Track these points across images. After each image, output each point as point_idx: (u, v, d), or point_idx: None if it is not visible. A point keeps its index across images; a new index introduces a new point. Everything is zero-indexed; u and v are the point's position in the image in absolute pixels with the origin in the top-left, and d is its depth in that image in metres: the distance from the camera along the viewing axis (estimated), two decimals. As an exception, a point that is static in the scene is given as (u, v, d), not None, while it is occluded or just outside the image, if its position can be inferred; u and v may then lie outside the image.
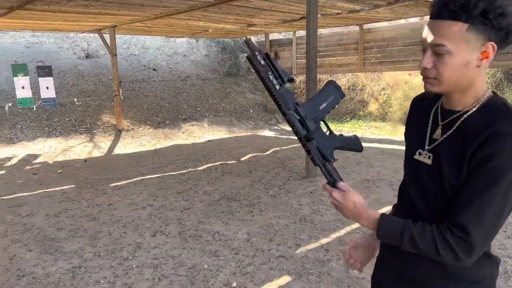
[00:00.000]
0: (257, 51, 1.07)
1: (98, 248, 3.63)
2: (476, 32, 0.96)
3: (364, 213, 1.09)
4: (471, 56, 0.98)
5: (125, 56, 11.88)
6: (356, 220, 1.11)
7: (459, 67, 0.99)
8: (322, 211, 4.46)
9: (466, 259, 0.98)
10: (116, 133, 9.23)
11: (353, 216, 1.11)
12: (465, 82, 1.01)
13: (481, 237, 0.96)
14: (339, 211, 1.13)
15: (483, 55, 0.97)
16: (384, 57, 9.65)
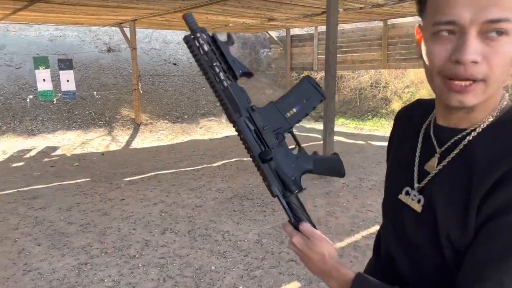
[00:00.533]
0: (198, 32, 0.78)
1: (106, 244, 3.58)
2: None
3: (335, 271, 0.78)
4: None
5: (146, 50, 11.90)
6: (323, 278, 0.82)
7: None
8: (337, 213, 4.29)
9: None
10: (134, 127, 9.25)
11: (319, 272, 0.82)
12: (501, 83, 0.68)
13: None
14: (302, 262, 0.85)
15: None
16: (409, 54, 9.32)
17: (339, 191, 5.01)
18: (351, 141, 8.37)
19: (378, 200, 4.65)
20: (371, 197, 4.75)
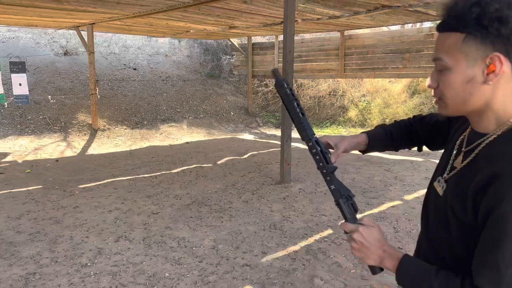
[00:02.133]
0: (285, 81, 1.12)
1: (57, 253, 3.49)
2: (475, 43, 0.83)
3: (389, 252, 0.97)
4: (473, 71, 0.85)
5: (105, 54, 11.67)
6: (380, 260, 0.98)
7: (461, 84, 0.87)
8: (292, 218, 4.40)
9: None
10: (91, 132, 9.03)
11: (377, 255, 0.98)
12: (475, 102, 0.88)
13: None
14: (359, 254, 1.00)
15: (488, 69, 0.83)
16: (364, 64, 9.69)
17: (296, 196, 5.13)
18: (310, 148, 8.57)
19: (332, 205, 4.81)
20: (325, 202, 4.90)
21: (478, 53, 0.83)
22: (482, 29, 0.82)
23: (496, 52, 0.82)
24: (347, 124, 10.92)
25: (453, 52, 0.86)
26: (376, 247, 0.97)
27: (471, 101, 0.88)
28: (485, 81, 0.85)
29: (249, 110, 12.41)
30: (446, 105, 0.92)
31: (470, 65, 0.85)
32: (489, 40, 0.82)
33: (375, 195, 5.19)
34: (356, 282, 3.03)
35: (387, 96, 10.92)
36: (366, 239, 0.98)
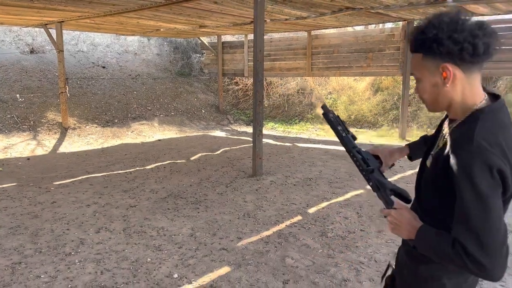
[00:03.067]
0: (331, 112, 1.48)
1: (40, 244, 3.62)
2: (431, 58, 1.15)
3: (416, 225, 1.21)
4: (434, 79, 1.17)
5: (73, 52, 11.56)
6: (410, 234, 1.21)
7: (430, 89, 1.20)
8: (265, 207, 4.68)
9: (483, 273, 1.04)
10: (61, 131, 8.98)
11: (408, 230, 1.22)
12: (443, 99, 1.19)
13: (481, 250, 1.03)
14: (394, 231, 1.27)
15: (443, 75, 1.14)
16: (330, 63, 10.12)
17: (267, 188, 5.42)
18: (280, 143, 8.90)
19: (302, 194, 5.13)
20: (295, 192, 5.22)
21: (433, 66, 1.16)
22: (430, 49, 1.14)
23: (445, 63, 1.14)
24: (315, 121, 11.33)
25: (419, 67, 1.20)
26: (405, 224, 1.23)
27: (440, 99, 1.20)
28: (444, 84, 1.16)
29: (220, 107, 12.62)
30: (426, 105, 1.26)
31: (432, 75, 1.18)
32: (438, 56, 1.14)
33: (340, 185, 5.55)
34: (323, 260, 3.34)
35: (352, 93, 11.41)
36: (397, 219, 1.25)
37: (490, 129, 1.11)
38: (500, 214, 1.06)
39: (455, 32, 1.10)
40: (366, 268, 3.21)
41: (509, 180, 1.06)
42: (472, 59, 1.11)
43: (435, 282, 1.27)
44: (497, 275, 1.05)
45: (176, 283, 2.98)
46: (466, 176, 1.06)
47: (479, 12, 7.33)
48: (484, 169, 1.04)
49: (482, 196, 1.04)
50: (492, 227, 1.04)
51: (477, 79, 1.18)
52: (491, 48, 1.10)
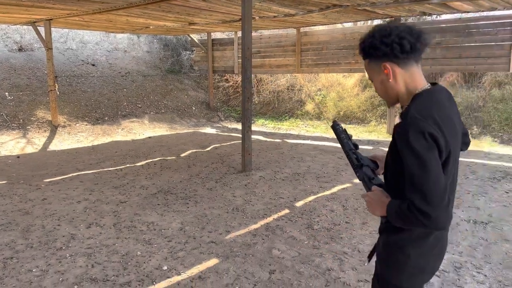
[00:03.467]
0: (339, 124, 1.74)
1: (31, 240, 3.67)
2: (373, 61, 1.44)
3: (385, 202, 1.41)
4: (380, 77, 1.44)
5: (62, 50, 11.52)
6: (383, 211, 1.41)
7: (379, 86, 1.47)
8: (253, 201, 4.78)
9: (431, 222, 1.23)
10: (51, 129, 8.98)
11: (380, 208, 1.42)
12: (391, 92, 1.44)
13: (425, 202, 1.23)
14: (369, 209, 1.49)
15: (385, 72, 1.41)
16: (319, 59, 10.22)
17: (256, 183, 5.51)
18: (269, 140, 9.00)
19: (290, 189, 5.24)
20: (283, 187, 5.32)
21: (377, 66, 1.43)
22: (370, 54, 1.43)
23: (383, 62, 1.40)
24: (305, 117, 11.45)
25: (369, 70, 1.48)
26: (378, 202, 1.44)
27: (389, 92, 1.46)
28: (388, 79, 1.42)
29: (211, 104, 12.67)
30: (384, 100, 1.51)
31: (378, 74, 1.45)
32: (377, 58, 1.41)
33: (328, 179, 5.67)
34: (309, 251, 3.45)
35: (341, 90, 11.54)
36: (371, 198, 1.47)
37: (424, 105, 1.34)
38: (438, 171, 1.26)
39: (384, 37, 1.37)
40: (350, 258, 3.33)
41: (441, 143, 1.27)
42: (403, 55, 1.36)
43: (401, 250, 1.45)
44: (440, 222, 1.24)
45: (166, 274, 3.07)
46: (405, 144, 1.28)
47: (463, 9, 7.48)
48: (418, 135, 1.26)
49: (420, 157, 1.25)
50: (431, 181, 1.24)
51: (416, 71, 1.41)
52: (417, 45, 1.36)
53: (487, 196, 4.84)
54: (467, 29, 7.93)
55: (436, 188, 1.24)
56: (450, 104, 1.43)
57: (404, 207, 1.28)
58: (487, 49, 7.73)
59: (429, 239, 1.43)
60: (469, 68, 8.13)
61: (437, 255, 1.50)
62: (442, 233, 1.49)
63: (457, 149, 1.40)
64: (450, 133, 1.32)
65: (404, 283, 1.47)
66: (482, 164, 6.39)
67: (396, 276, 1.48)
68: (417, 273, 1.47)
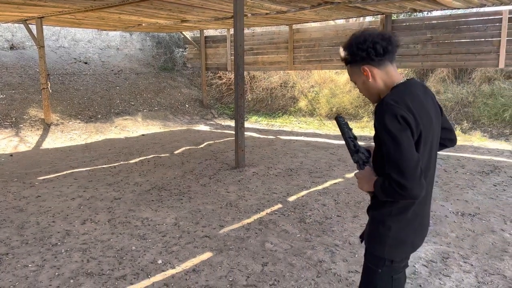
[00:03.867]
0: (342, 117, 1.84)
1: (26, 236, 3.70)
2: (354, 66, 1.63)
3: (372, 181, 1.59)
4: (361, 78, 1.63)
5: (54, 48, 11.48)
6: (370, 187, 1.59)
7: (362, 86, 1.66)
8: (247, 196, 4.84)
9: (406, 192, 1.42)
10: (44, 127, 8.97)
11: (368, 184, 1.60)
12: (373, 90, 1.63)
13: (400, 175, 1.41)
14: (359, 186, 1.67)
15: (365, 74, 1.60)
16: (312, 56, 10.29)
17: (250, 179, 5.57)
18: (263, 136, 9.06)
19: (282, 184, 5.31)
20: (276, 182, 5.38)
21: (358, 70, 1.63)
22: (350, 60, 1.63)
23: (362, 65, 1.60)
24: (298, 114, 11.52)
25: (351, 74, 1.68)
26: (366, 179, 1.62)
27: (371, 91, 1.64)
28: (368, 79, 1.61)
29: (204, 102, 12.70)
30: (368, 98, 1.70)
31: (359, 76, 1.64)
32: (357, 62, 1.61)
33: (320, 174, 5.74)
34: (301, 244, 3.52)
35: (334, 86, 11.61)
36: (359, 178, 1.66)
37: (398, 93, 1.53)
38: (410, 148, 1.44)
39: (360, 44, 1.56)
40: (341, 250, 3.40)
41: (412, 125, 1.46)
42: (378, 58, 1.56)
43: (382, 223, 1.63)
44: (415, 192, 1.42)
45: (160, 268, 3.12)
46: (382, 127, 1.47)
47: (453, 6, 7.58)
48: (392, 118, 1.45)
49: (394, 137, 1.44)
50: (404, 156, 1.42)
51: (391, 69, 1.60)
52: (388, 48, 1.56)
53: (475, 189, 4.94)
54: (457, 25, 8.04)
55: (409, 162, 1.42)
56: (425, 95, 1.61)
57: (386, 182, 1.47)
58: (476, 45, 7.84)
59: (407, 214, 1.60)
60: (459, 64, 8.25)
61: (418, 232, 1.66)
62: (421, 209, 1.63)
63: (430, 134, 1.55)
64: (422, 118, 1.50)
65: (386, 254, 1.62)
66: (471, 158, 6.50)
67: (379, 248, 1.64)
68: (398, 245, 1.62)
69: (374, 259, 1.67)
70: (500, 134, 8.24)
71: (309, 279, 2.95)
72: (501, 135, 8.17)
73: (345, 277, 2.97)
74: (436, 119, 1.62)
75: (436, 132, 1.63)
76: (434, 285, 2.86)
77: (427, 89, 1.66)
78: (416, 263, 3.14)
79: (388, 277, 1.66)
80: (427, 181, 1.58)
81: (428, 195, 1.65)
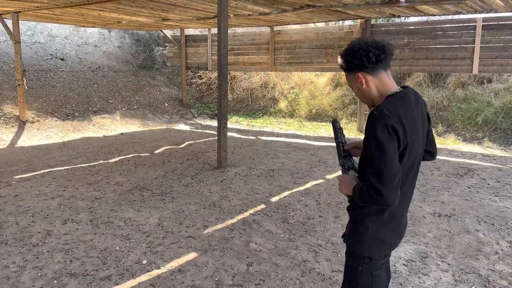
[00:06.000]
0: (338, 121, 2.02)
1: (5, 237, 3.62)
2: (350, 73, 1.71)
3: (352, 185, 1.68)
4: (357, 84, 1.70)
5: (29, 43, 11.17)
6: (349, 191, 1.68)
7: (358, 92, 1.73)
8: (230, 197, 4.86)
9: (381, 198, 1.50)
10: (19, 124, 8.73)
11: (347, 188, 1.69)
12: (368, 96, 1.70)
13: (379, 181, 1.49)
14: (339, 189, 1.74)
15: (359, 81, 1.67)
16: (292, 58, 10.39)
17: (232, 179, 5.60)
18: (244, 137, 9.09)
19: (265, 185, 5.36)
20: (259, 183, 5.43)
21: (353, 76, 1.71)
22: (346, 68, 1.71)
23: (357, 72, 1.67)
24: (278, 115, 11.61)
25: (348, 81, 1.76)
26: (347, 182, 1.70)
27: (366, 97, 1.72)
28: (362, 86, 1.69)
29: (184, 101, 12.63)
30: (364, 103, 1.78)
31: (354, 83, 1.72)
32: (352, 70, 1.69)
33: (301, 175, 5.82)
34: (285, 244, 3.58)
35: (314, 88, 11.76)
36: (341, 181, 1.74)
37: (393, 103, 1.59)
38: (393, 158, 1.51)
39: (354, 52, 1.65)
40: (324, 250, 3.47)
41: (400, 136, 1.53)
42: (371, 65, 1.63)
43: (361, 223, 1.71)
44: (390, 199, 1.50)
45: (145, 268, 3.12)
46: (372, 133, 1.54)
47: (430, 13, 7.82)
48: (383, 127, 1.52)
49: (381, 145, 1.51)
50: (386, 165, 1.50)
51: (385, 77, 1.67)
52: (381, 56, 1.63)
53: (450, 191, 5.13)
54: (434, 31, 8.30)
55: (389, 171, 1.50)
56: (417, 105, 1.69)
57: (364, 187, 1.56)
58: (452, 51, 8.11)
59: (384, 215, 1.68)
60: (435, 69, 8.51)
61: (395, 232, 1.76)
62: (398, 212, 1.72)
63: (416, 143, 1.64)
64: (411, 130, 1.58)
65: (364, 252, 1.71)
66: (446, 161, 6.73)
67: (358, 246, 1.72)
68: (376, 243, 1.70)
69: (354, 257, 1.76)
70: (473, 137, 8.55)
71: (293, 279, 3.00)
72: (474, 139, 8.48)
73: (328, 276, 3.04)
74: (423, 128, 1.70)
75: (422, 143, 1.71)
76: (414, 283, 2.97)
77: (419, 98, 1.73)
78: (396, 262, 3.25)
79: (368, 274, 1.74)
80: (406, 188, 1.69)
81: (407, 197, 1.74)
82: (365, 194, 1.55)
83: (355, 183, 1.66)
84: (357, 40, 1.70)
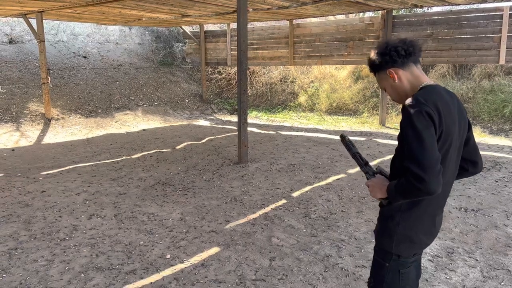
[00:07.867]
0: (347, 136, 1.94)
1: (34, 231, 3.72)
2: (381, 72, 1.72)
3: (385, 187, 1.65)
4: (389, 81, 1.71)
5: (53, 42, 11.42)
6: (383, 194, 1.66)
7: (391, 90, 1.73)
8: (251, 192, 4.87)
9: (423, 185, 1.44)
10: (45, 122, 8.95)
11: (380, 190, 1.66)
12: (401, 91, 1.69)
13: (420, 168, 1.44)
14: (371, 194, 1.72)
15: (391, 77, 1.68)
16: (312, 52, 10.29)
17: (253, 174, 5.60)
18: (264, 132, 9.08)
19: (286, 179, 5.34)
20: (279, 178, 5.42)
21: (384, 74, 1.72)
22: (376, 67, 1.73)
23: (388, 69, 1.69)
24: (298, 109, 11.54)
25: (379, 80, 1.77)
26: (378, 186, 1.68)
27: (400, 92, 1.71)
28: (394, 81, 1.69)
29: (204, 97, 12.69)
30: (397, 101, 1.75)
31: (386, 80, 1.72)
32: (383, 67, 1.70)
33: (323, 170, 5.78)
34: (307, 239, 3.56)
35: (334, 82, 11.63)
36: (372, 185, 1.71)
37: (427, 93, 1.59)
38: (432, 144, 1.48)
39: (382, 49, 1.69)
40: (347, 245, 3.44)
41: (436, 122, 1.51)
42: (400, 59, 1.65)
43: (392, 218, 1.68)
44: (432, 186, 1.44)
45: (169, 263, 3.15)
46: (409, 121, 1.51)
47: (454, 2, 7.60)
48: (419, 114, 1.50)
49: (418, 132, 1.48)
50: (425, 151, 1.46)
51: (416, 70, 1.68)
52: (410, 49, 1.65)
53: (477, 185, 5.00)
54: (458, 21, 8.06)
55: (430, 157, 1.46)
56: (451, 99, 1.66)
57: (402, 180, 1.51)
58: (477, 41, 7.87)
59: (417, 210, 1.64)
60: (459, 60, 8.28)
61: (427, 232, 1.70)
62: (433, 208, 1.68)
63: (452, 135, 1.59)
64: (446, 118, 1.55)
65: (393, 249, 1.67)
66: (472, 154, 6.54)
67: (387, 242, 1.69)
68: (405, 241, 1.66)
69: (382, 253, 1.72)
70: (500, 130, 8.30)
71: (317, 274, 2.99)
72: (501, 131, 8.23)
73: (352, 272, 3.01)
74: (461, 125, 1.66)
75: (459, 136, 1.66)
76: (440, 279, 2.91)
77: (452, 94, 1.70)
78: (421, 258, 3.18)
79: (396, 271, 1.69)
80: (444, 180, 1.58)
81: (442, 194, 1.66)
82: (404, 186, 1.50)
83: (387, 183, 1.63)
84: (383, 41, 1.76)
